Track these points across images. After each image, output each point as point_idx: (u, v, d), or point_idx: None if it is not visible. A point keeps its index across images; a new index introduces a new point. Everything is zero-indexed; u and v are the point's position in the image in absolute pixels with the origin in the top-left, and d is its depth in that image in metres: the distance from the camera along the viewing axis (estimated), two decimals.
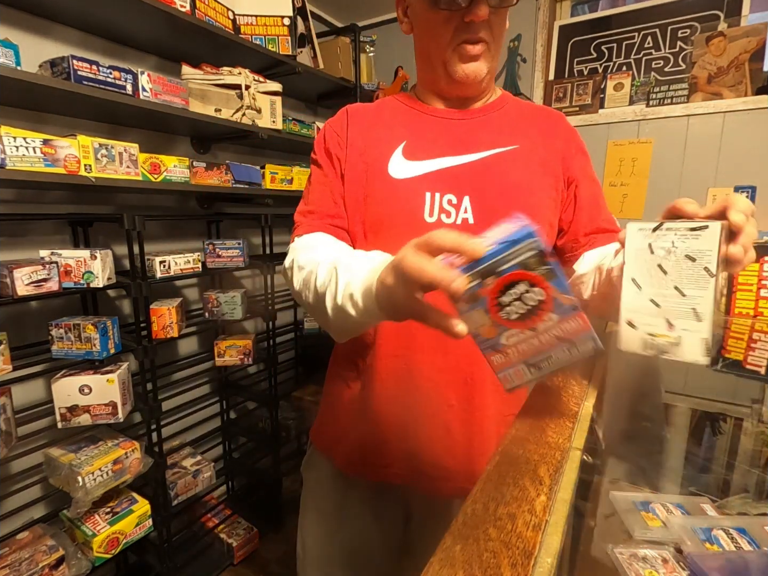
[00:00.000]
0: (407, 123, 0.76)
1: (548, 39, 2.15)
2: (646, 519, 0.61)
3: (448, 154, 0.72)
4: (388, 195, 0.72)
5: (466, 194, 0.70)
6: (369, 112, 0.80)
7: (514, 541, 0.33)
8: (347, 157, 0.75)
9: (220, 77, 1.56)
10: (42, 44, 1.36)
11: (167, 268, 1.44)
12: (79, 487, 1.20)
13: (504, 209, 0.67)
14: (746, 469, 0.76)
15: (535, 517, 0.36)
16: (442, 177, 0.71)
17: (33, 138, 1.07)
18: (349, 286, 0.53)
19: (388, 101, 0.83)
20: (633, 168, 2.00)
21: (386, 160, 0.73)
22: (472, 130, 0.75)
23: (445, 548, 0.33)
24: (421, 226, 0.69)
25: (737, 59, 1.77)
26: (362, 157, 0.74)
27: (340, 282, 0.55)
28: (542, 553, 0.32)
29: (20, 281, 1.08)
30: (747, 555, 0.53)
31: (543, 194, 0.74)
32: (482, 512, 0.37)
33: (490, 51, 0.69)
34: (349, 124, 0.78)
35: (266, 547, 1.91)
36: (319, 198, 0.75)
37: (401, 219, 0.70)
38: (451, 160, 0.72)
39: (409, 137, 0.74)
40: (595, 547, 0.59)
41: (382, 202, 0.72)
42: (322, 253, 0.65)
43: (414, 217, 0.70)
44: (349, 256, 0.60)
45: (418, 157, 0.72)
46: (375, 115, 0.79)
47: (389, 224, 0.71)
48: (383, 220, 0.72)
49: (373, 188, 0.73)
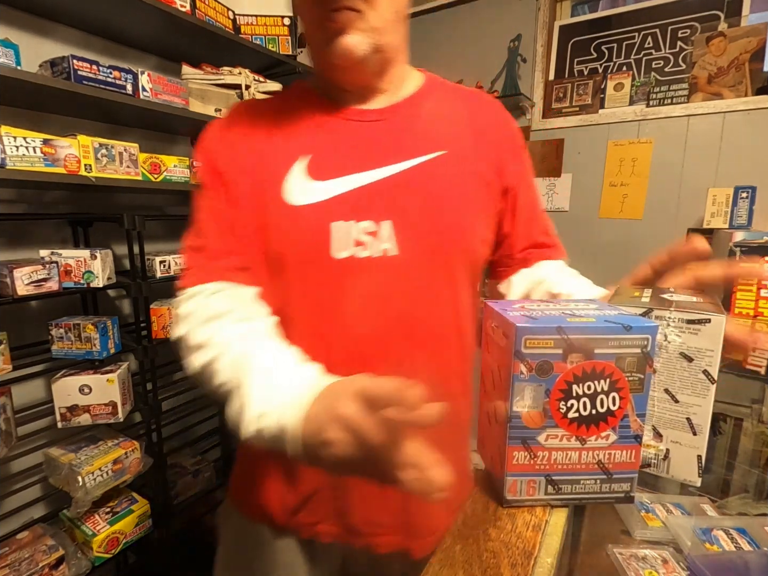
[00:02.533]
0: (309, 128, 0.60)
1: (548, 39, 2.15)
2: (646, 519, 0.61)
3: (361, 169, 0.58)
4: (287, 227, 0.57)
5: (387, 219, 0.57)
6: (264, 111, 0.64)
7: (514, 541, 0.33)
8: (237, 175, 0.59)
9: (220, 77, 1.56)
10: (42, 44, 1.35)
11: (167, 268, 1.44)
12: (79, 486, 1.20)
13: (434, 234, 0.58)
14: (746, 469, 0.76)
15: (535, 517, 0.36)
16: (355, 199, 0.57)
17: (33, 138, 1.07)
18: (262, 419, 0.42)
19: (292, 92, 0.67)
20: (633, 168, 2.00)
21: (281, 181, 0.58)
22: (389, 134, 0.60)
23: (445, 548, 0.33)
24: (330, 264, 0.56)
25: (737, 59, 1.77)
26: (253, 175, 0.59)
27: (250, 409, 0.43)
28: (542, 553, 0.32)
29: (20, 281, 1.08)
30: (747, 555, 0.53)
31: (477, 209, 0.62)
32: (482, 512, 0.37)
33: (365, 19, 0.52)
34: (237, 130, 0.62)
35: None
36: (212, 229, 0.59)
37: (304, 256, 0.57)
38: (366, 177, 0.58)
39: (311, 149, 0.59)
40: (595, 547, 0.59)
41: (281, 236, 0.57)
42: (227, 339, 0.51)
43: (319, 253, 0.56)
44: (265, 369, 0.46)
45: (323, 176, 0.58)
46: (271, 116, 0.62)
47: (292, 262, 0.57)
48: (284, 258, 0.58)
49: (269, 217, 0.58)
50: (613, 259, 2.08)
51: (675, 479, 0.40)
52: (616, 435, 0.37)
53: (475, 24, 2.27)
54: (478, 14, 2.26)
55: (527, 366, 0.35)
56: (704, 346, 0.38)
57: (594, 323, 0.34)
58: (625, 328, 0.34)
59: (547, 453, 0.37)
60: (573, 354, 0.34)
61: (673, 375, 0.40)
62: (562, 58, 2.18)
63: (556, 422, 0.37)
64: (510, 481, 0.38)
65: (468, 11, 2.28)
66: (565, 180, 2.16)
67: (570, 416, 0.36)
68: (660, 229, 1.97)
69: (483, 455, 0.47)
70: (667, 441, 0.41)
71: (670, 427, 0.40)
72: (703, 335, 0.38)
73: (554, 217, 2.20)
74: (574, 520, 0.43)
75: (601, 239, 2.10)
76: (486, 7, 2.24)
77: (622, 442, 0.37)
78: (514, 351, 0.34)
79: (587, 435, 0.37)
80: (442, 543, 0.34)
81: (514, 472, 0.38)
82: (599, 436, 0.37)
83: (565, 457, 0.37)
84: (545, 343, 0.34)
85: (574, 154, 2.13)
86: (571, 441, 0.37)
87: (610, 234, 2.08)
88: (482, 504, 0.38)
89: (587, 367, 0.34)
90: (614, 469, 0.38)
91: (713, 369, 0.38)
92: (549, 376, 0.35)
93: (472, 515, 0.36)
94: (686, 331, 0.38)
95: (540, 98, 2.18)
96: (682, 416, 0.40)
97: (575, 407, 0.36)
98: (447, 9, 2.33)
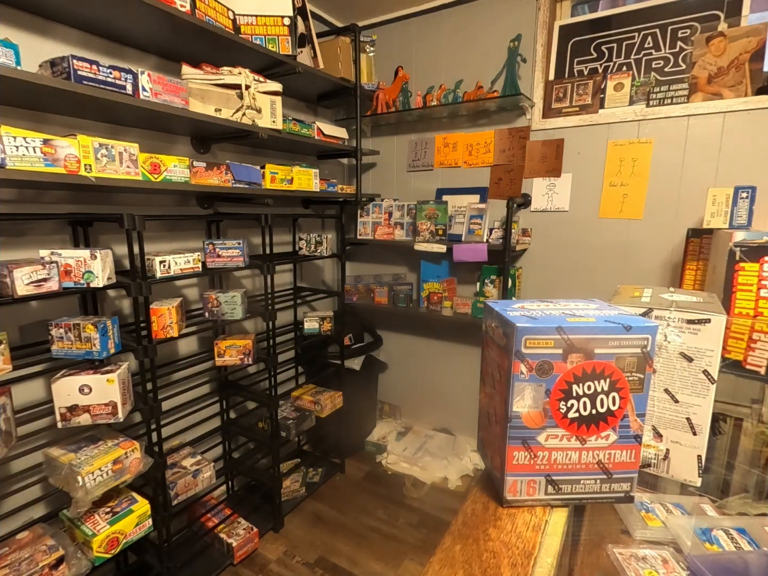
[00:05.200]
0: None
1: (548, 39, 2.15)
2: (646, 519, 0.60)
3: None
4: None
5: None
6: None
7: (514, 541, 0.33)
8: None
9: (220, 77, 1.56)
10: (42, 44, 1.36)
11: (167, 268, 1.44)
12: (79, 486, 1.20)
13: None
14: (746, 469, 0.76)
15: (535, 517, 0.36)
16: None
17: (33, 138, 1.07)
18: None
19: None
20: (633, 168, 2.00)
21: None
22: None
23: (445, 548, 0.33)
24: None
25: (737, 59, 1.77)
26: None
27: None
28: (542, 553, 0.32)
29: (20, 281, 1.08)
30: (747, 555, 0.53)
31: None
32: (482, 512, 0.37)
33: None
34: None
35: (266, 547, 1.91)
36: None
37: None
38: None
39: None
40: (595, 547, 0.59)
41: None
42: None
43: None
44: None
45: None
46: None
47: None
48: None
49: None
50: (613, 259, 2.08)
51: (675, 479, 0.40)
52: (616, 435, 0.37)
53: (475, 24, 2.27)
54: (478, 14, 2.26)
55: (527, 366, 0.35)
56: (704, 346, 0.38)
57: (594, 323, 0.34)
58: (625, 328, 0.34)
59: (547, 453, 0.37)
60: (573, 354, 0.34)
61: (673, 375, 0.39)
62: (562, 58, 2.18)
63: (556, 422, 0.37)
64: (510, 481, 0.38)
65: (468, 11, 2.28)
66: (565, 180, 2.16)
67: (570, 416, 0.36)
68: (660, 229, 1.97)
69: (483, 455, 0.47)
70: (667, 441, 0.41)
71: (670, 427, 0.40)
72: (703, 335, 0.37)
73: (554, 217, 2.21)
74: (574, 520, 0.43)
75: (601, 239, 2.10)
76: (486, 7, 2.24)
77: (622, 442, 0.37)
78: (514, 351, 0.34)
79: (587, 435, 0.37)
80: (442, 543, 0.34)
81: (514, 472, 0.38)
82: (599, 436, 0.37)
83: (565, 457, 0.37)
84: (545, 343, 0.34)
85: (574, 154, 2.13)
86: (571, 441, 0.37)
87: (610, 234, 2.08)
88: (482, 504, 0.38)
89: (587, 367, 0.34)
90: (614, 469, 0.38)
91: (713, 369, 0.38)
92: (549, 376, 0.35)
93: (472, 515, 0.36)
94: (686, 331, 0.38)
95: (540, 98, 2.18)
96: (682, 416, 0.39)
97: (575, 407, 0.36)
98: (447, 9, 2.33)
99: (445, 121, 2.44)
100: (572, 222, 2.16)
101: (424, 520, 2.10)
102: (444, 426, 2.75)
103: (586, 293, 2.13)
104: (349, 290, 2.63)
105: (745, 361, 0.91)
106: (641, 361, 0.35)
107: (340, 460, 2.47)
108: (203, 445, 1.98)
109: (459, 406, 2.63)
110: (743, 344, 1.02)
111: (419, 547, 1.93)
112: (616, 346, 0.34)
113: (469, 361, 2.56)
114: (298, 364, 2.50)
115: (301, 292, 2.48)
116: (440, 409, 2.74)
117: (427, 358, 2.74)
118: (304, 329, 2.19)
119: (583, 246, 2.14)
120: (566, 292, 2.19)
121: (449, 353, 2.64)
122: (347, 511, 2.16)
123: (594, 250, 2.12)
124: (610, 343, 0.34)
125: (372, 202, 2.55)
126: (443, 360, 2.67)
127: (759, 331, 1.06)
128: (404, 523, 2.09)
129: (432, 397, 2.76)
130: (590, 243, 2.13)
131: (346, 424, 2.42)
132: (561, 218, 2.19)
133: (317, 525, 2.06)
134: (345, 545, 1.93)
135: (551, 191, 2.20)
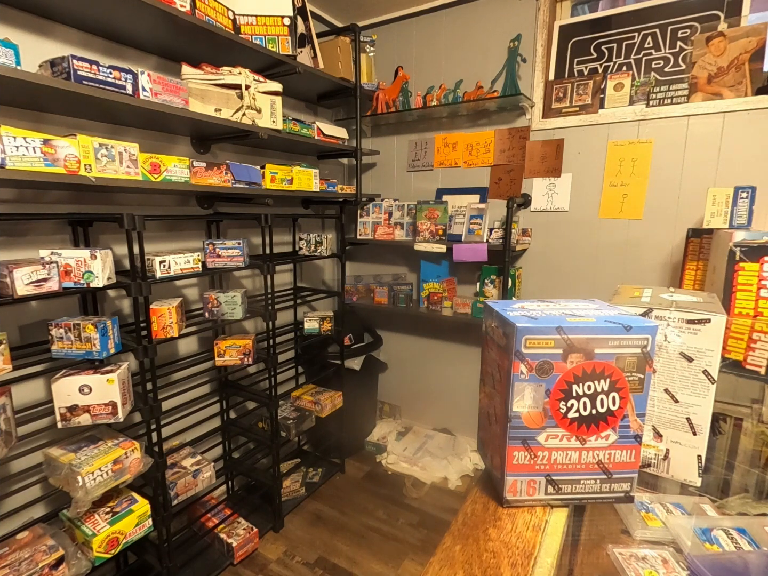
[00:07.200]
0: None
1: (548, 39, 2.15)
2: (646, 519, 0.60)
3: None
4: None
5: None
6: None
7: (514, 541, 0.33)
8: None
9: (220, 77, 1.56)
10: (42, 44, 1.36)
11: (167, 268, 1.44)
12: (79, 486, 1.20)
13: None
14: (746, 469, 0.76)
15: (535, 517, 0.36)
16: None
17: (33, 138, 1.07)
18: None
19: None
20: (633, 168, 2.00)
21: None
22: None
23: (445, 548, 0.33)
24: None
25: (737, 59, 1.77)
26: None
27: None
28: (542, 553, 0.32)
29: (20, 281, 1.08)
30: (747, 555, 0.53)
31: None
32: (482, 512, 0.37)
33: None
34: None
35: (266, 547, 1.91)
36: None
37: None
38: None
39: None
40: (595, 547, 0.58)
41: None
42: None
43: None
44: None
45: None
46: None
47: None
48: None
49: None
50: (613, 259, 2.08)
51: (675, 479, 0.40)
52: (616, 435, 0.37)
53: (475, 24, 2.27)
54: (478, 14, 2.26)
55: (527, 366, 0.35)
56: (704, 346, 0.38)
57: (594, 323, 0.34)
58: (625, 328, 0.34)
59: (547, 453, 0.37)
60: (573, 354, 0.34)
61: (673, 375, 0.39)
62: (562, 58, 2.18)
63: (556, 422, 0.37)
64: (510, 481, 0.38)
65: (468, 11, 2.28)
66: (565, 180, 2.16)
67: (570, 416, 0.36)
68: (660, 229, 1.97)
69: (483, 455, 0.47)
70: (667, 441, 0.41)
71: (670, 427, 0.40)
72: (703, 335, 0.37)
73: (554, 217, 2.21)
74: (574, 520, 0.43)
75: (601, 239, 2.10)
76: (486, 7, 2.24)
77: (622, 442, 0.37)
78: (514, 351, 0.34)
79: (587, 435, 0.37)
80: (442, 543, 0.34)
81: (514, 472, 0.38)
82: (599, 436, 0.37)
83: (565, 457, 0.37)
84: (545, 343, 0.34)
85: (574, 154, 2.13)
86: (571, 441, 0.37)
87: (610, 234, 2.08)
88: (482, 504, 0.38)
89: (587, 367, 0.34)
90: (614, 468, 0.38)
91: (713, 369, 0.38)
92: (549, 376, 0.35)
93: (472, 515, 0.36)
94: (686, 331, 0.38)
95: (540, 98, 2.18)
96: (682, 416, 0.39)
97: (575, 407, 0.36)
98: (447, 9, 2.33)
99: (445, 121, 2.44)
100: (572, 222, 2.16)
101: (424, 520, 2.10)
102: (444, 426, 2.75)
103: (586, 293, 2.13)
104: (349, 290, 2.63)
105: (745, 361, 0.91)
106: (641, 361, 0.35)
107: (340, 460, 2.47)
108: (203, 445, 1.98)
109: (459, 406, 2.63)
110: (743, 344, 1.02)
111: (419, 547, 1.93)
112: (616, 346, 0.34)
113: (469, 361, 2.56)
114: (298, 364, 2.50)
115: (301, 292, 2.48)
116: (440, 409, 2.74)
117: (427, 358, 2.74)
118: (304, 329, 2.19)
119: (583, 246, 2.14)
120: (566, 292, 2.19)
121: (449, 353, 2.64)
122: (347, 511, 2.16)
123: (594, 250, 2.12)
124: (610, 343, 0.34)
125: (372, 202, 2.55)
126: (443, 360, 2.67)
127: (759, 331, 1.06)
128: (404, 523, 2.09)
129: (432, 397, 2.76)
130: (590, 243, 2.13)
131: (346, 424, 2.42)
132: (561, 218, 2.19)
133: (317, 525, 2.06)
134: (345, 545, 1.94)
135: (551, 191, 2.20)
